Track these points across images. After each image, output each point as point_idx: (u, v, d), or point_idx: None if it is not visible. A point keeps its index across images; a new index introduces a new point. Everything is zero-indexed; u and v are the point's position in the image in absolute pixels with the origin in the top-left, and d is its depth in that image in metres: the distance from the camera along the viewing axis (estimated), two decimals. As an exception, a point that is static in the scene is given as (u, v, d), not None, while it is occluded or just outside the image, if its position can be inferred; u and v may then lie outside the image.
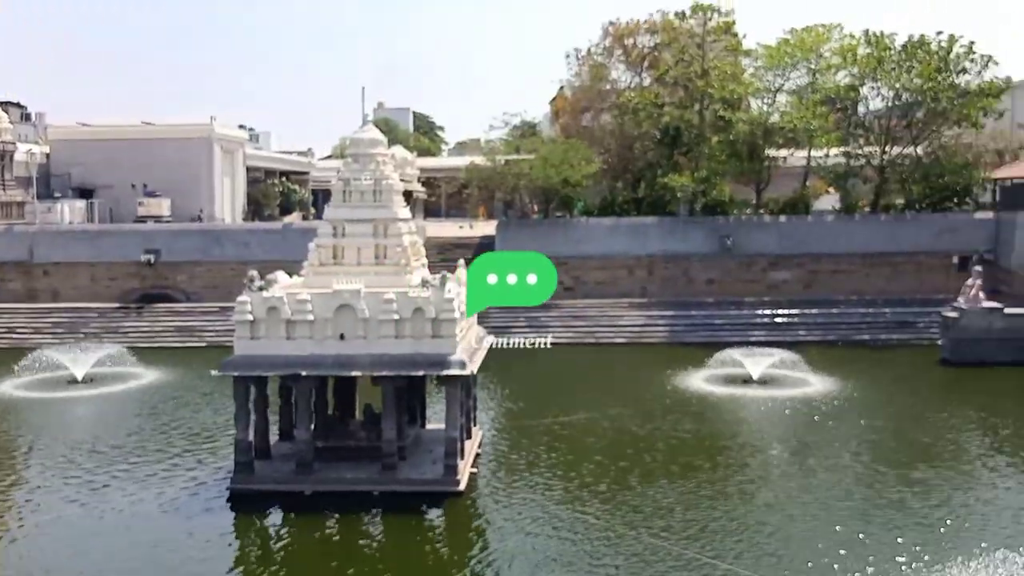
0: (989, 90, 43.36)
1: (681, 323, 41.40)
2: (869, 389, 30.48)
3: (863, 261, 43.45)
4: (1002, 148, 48.40)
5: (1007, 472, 21.92)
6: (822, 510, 19.21)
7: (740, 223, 44.46)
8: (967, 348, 34.24)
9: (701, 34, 45.77)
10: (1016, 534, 17.49)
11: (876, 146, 45.57)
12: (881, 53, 43.96)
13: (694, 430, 25.75)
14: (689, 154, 45.78)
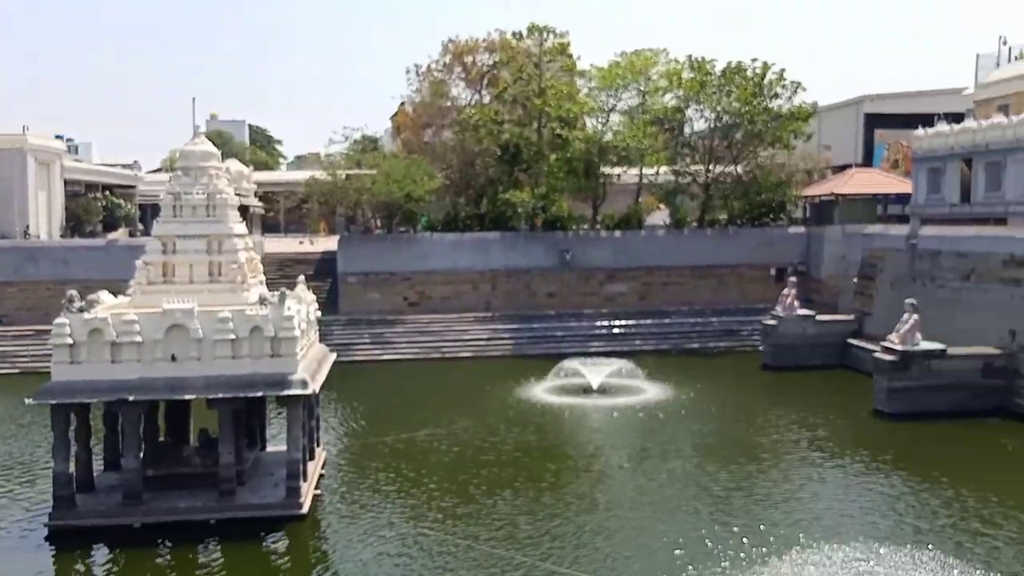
0: (798, 114, 46.96)
1: (524, 336, 42.23)
2: (700, 394, 32.22)
3: (692, 273, 45.90)
4: (811, 168, 52.54)
5: (825, 467, 23.74)
6: (658, 511, 20.15)
7: (578, 238, 45.93)
8: (785, 353, 36.89)
9: (538, 54, 47.08)
10: (835, 525, 19.01)
11: (701, 165, 48.31)
12: (703, 77, 46.73)
13: (537, 440, 26.32)
14: (529, 171, 46.86)
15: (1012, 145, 35.04)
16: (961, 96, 44.34)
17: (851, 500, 20.96)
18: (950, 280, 33.56)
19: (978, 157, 36.89)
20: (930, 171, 40.13)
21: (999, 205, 35.65)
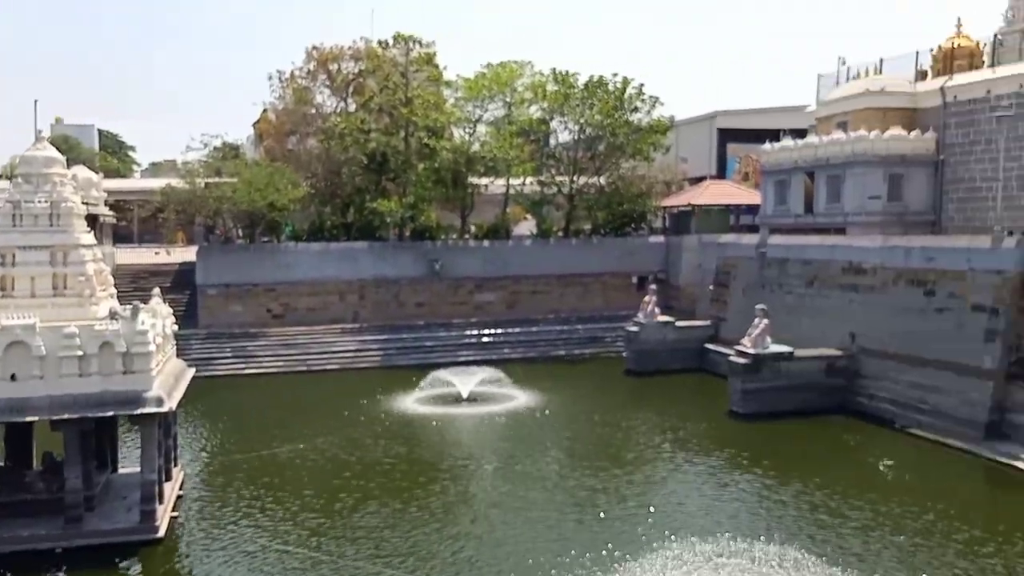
0: (657, 128, 48.81)
1: (393, 346, 41.85)
2: (566, 399, 32.87)
3: (558, 282, 46.83)
4: (669, 180, 54.64)
5: (686, 467, 24.69)
6: (525, 516, 20.39)
7: (447, 247, 45.98)
8: (647, 358, 38.17)
9: (404, 63, 46.88)
10: (697, 522, 19.80)
11: (566, 176, 49.38)
12: (567, 90, 47.85)
13: (406, 452, 26.11)
14: (397, 180, 46.53)
15: (850, 160, 37.65)
16: (804, 113, 47.18)
17: (711, 497, 21.90)
18: (796, 286, 35.67)
19: (820, 171, 39.43)
20: (777, 183, 42.55)
21: (839, 216, 38.20)
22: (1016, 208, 33.23)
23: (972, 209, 35.98)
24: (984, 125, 35.23)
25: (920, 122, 38.52)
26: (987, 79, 36.14)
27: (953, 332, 27.36)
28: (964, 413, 25.92)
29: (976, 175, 35.92)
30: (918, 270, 29.46)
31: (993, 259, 26.59)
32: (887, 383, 29.29)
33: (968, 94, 36.50)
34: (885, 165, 37.21)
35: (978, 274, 26.99)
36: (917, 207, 37.68)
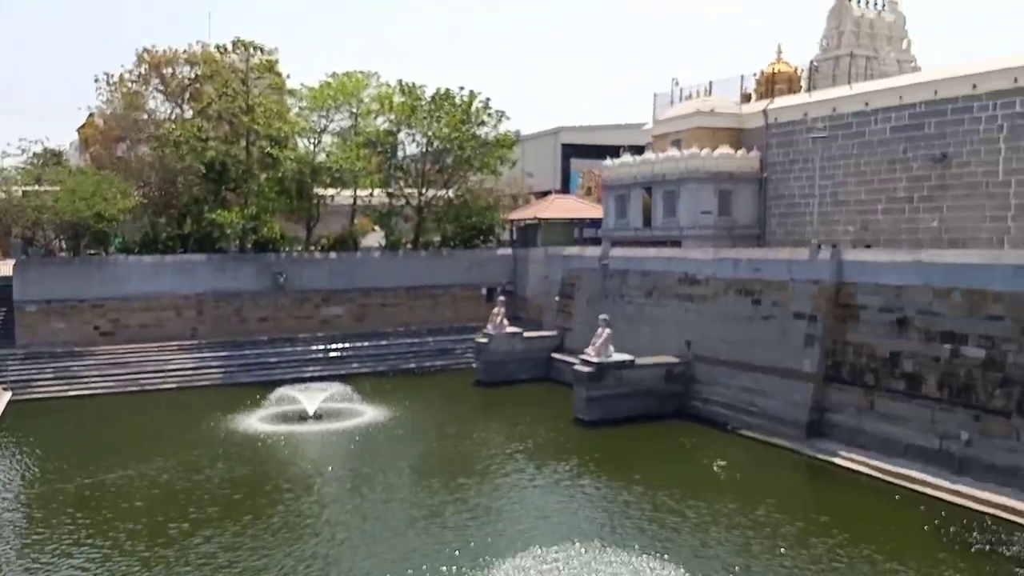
0: (503, 142, 49.52)
1: (235, 363, 40.22)
2: (417, 413, 32.68)
3: (408, 294, 46.56)
4: (516, 193, 55.58)
5: (535, 475, 25.05)
6: (374, 533, 20.06)
7: (292, 260, 44.75)
8: (496, 369, 38.57)
9: (244, 70, 45.30)
10: (548, 528, 20.13)
11: (414, 188, 49.22)
12: (414, 102, 47.75)
13: (248, 473, 25.10)
14: (238, 190, 44.81)
15: (684, 176, 39.63)
16: (642, 130, 49.32)
17: (559, 503, 22.34)
18: (636, 297, 37.10)
19: (657, 186, 41.27)
20: (617, 198, 44.19)
21: (675, 229, 40.10)
22: (830, 222, 36.02)
23: (792, 223, 38.70)
24: (802, 145, 38.03)
25: (746, 141, 41.11)
26: (804, 103, 39.06)
27: (777, 338, 29.25)
28: (788, 414, 27.74)
29: (795, 192, 38.68)
30: (746, 280, 31.33)
31: (811, 270, 28.66)
32: (720, 388, 30.92)
33: (788, 116, 39.30)
34: (715, 182, 39.43)
35: (798, 284, 29.00)
36: (744, 221, 40.14)
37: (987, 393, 22.43)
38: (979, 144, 31.12)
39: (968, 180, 31.50)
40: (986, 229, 30.90)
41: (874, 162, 35.01)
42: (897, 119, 34.12)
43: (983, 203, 31.02)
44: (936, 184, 32.63)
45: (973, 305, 23.36)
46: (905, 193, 33.85)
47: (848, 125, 36.08)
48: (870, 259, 27.49)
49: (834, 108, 36.87)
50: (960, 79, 31.98)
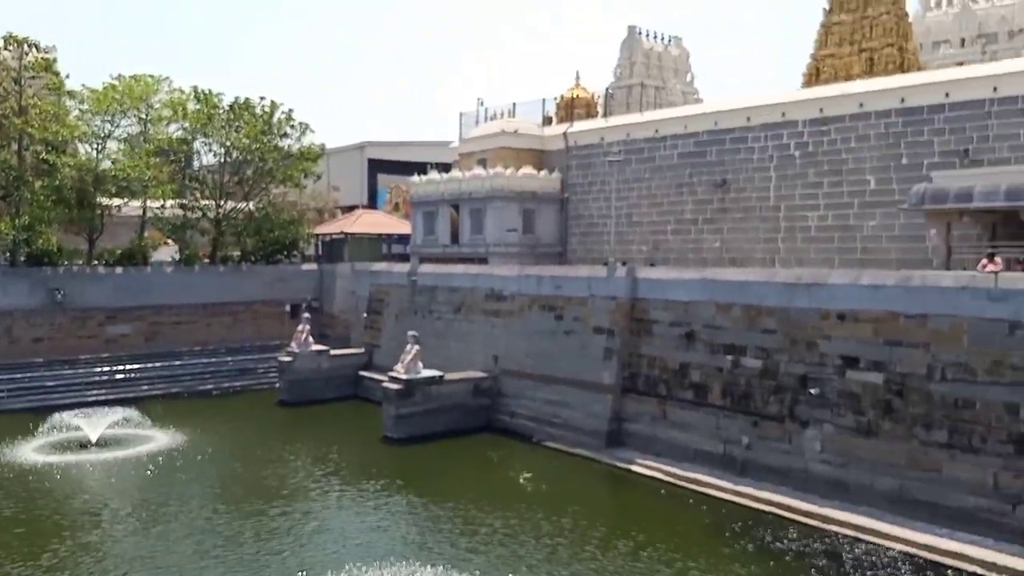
0: (308, 154, 48.44)
1: (4, 388, 36.47)
2: (215, 436, 31.10)
3: (205, 311, 44.25)
4: (322, 207, 54.48)
5: (342, 496, 24.56)
6: (167, 567, 18.88)
7: (72, 275, 41.25)
8: (301, 388, 37.52)
9: (17, 68, 41.41)
10: (352, 550, 19.75)
11: (212, 200, 47.03)
12: (210, 111, 45.70)
13: (22, 510, 22.81)
14: (8, 198, 40.79)
15: (490, 194, 40.57)
16: (449, 148, 50.03)
17: (368, 523, 22.04)
18: (445, 313, 37.43)
19: (463, 204, 41.95)
20: (425, 214, 44.47)
21: (481, 246, 40.92)
22: (626, 242, 38.16)
23: (591, 242, 40.63)
24: (599, 168, 40.08)
25: (548, 163, 42.77)
26: (601, 127, 41.22)
27: (579, 352, 30.54)
28: (589, 425, 29.01)
29: (594, 212, 40.67)
30: (549, 297, 32.48)
31: (608, 287, 30.18)
32: (526, 401, 31.81)
33: (586, 140, 41.31)
34: (520, 201, 40.67)
35: (597, 300, 30.45)
36: (547, 239, 41.67)
37: (763, 400, 24.59)
38: (753, 172, 34.20)
39: (744, 204, 34.50)
40: (760, 249, 33.94)
41: (664, 186, 37.51)
42: (683, 146, 36.80)
43: (758, 225, 34.06)
44: (718, 207, 35.45)
45: (751, 319, 25.55)
46: (691, 215, 36.52)
47: (641, 150, 38.46)
48: (661, 277, 29.33)
49: (628, 134, 39.18)
50: (737, 111, 35.03)
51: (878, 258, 30.05)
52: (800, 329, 24.01)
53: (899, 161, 30.01)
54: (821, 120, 32.27)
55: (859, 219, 31.11)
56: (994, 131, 27.83)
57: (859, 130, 31.20)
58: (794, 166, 32.96)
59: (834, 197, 31.79)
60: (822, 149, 32.19)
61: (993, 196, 23.93)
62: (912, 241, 28.98)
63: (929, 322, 21.18)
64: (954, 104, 28.82)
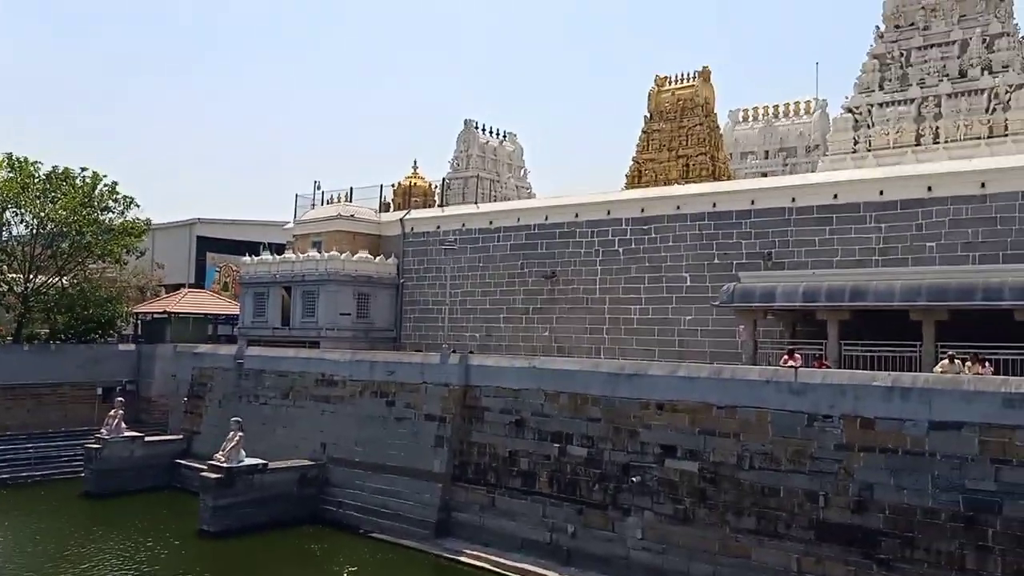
0: (131, 229, 46.21)
1: None
2: (8, 532, 28.30)
3: (5, 394, 40.53)
4: (143, 284, 51.84)
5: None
6: None
7: None
8: (109, 478, 34.87)
9: None
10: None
11: (20, 273, 43.79)
12: (25, 179, 43.05)
13: None
14: None
15: (323, 277, 40.12)
16: (283, 229, 49.22)
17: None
18: (272, 398, 36.23)
19: (296, 285, 41.23)
20: (256, 295, 43.27)
21: (313, 329, 40.17)
22: (459, 329, 38.64)
23: (426, 328, 40.86)
24: (435, 255, 40.69)
25: (384, 248, 42.99)
26: (437, 216, 42.05)
27: (410, 440, 30.32)
28: (419, 514, 28.63)
29: (429, 298, 41.06)
30: (381, 383, 32.22)
31: (441, 373, 30.37)
32: (354, 491, 31.03)
33: (423, 227, 41.96)
34: (355, 284, 40.49)
35: (430, 387, 30.52)
36: (381, 324, 41.54)
37: (588, 488, 25.25)
38: (581, 265, 35.82)
39: (572, 296, 35.95)
40: (587, 339, 35.32)
41: (497, 275, 38.53)
42: (516, 238, 38.11)
43: (584, 316, 35.51)
44: (547, 298, 36.73)
45: (577, 408, 26.39)
46: (523, 304, 37.60)
47: (476, 240, 39.46)
48: (493, 364, 29.86)
49: (463, 223, 40.16)
50: (566, 207, 36.82)
51: (694, 351, 31.98)
52: (623, 418, 25.04)
53: (712, 261, 32.38)
54: (643, 219, 34.41)
55: (677, 313, 33.10)
56: (793, 237, 30.67)
57: (676, 230, 33.48)
58: (618, 261, 34.81)
59: (654, 292, 33.74)
60: (643, 246, 34.25)
61: (792, 296, 26.22)
62: (724, 336, 31.10)
63: (738, 413, 22.70)
64: (759, 211, 31.59)
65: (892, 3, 33.70)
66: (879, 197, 28.85)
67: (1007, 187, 26.51)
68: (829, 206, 29.91)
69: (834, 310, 25.26)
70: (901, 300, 24.04)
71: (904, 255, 27.96)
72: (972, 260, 26.40)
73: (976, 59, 31.28)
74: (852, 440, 20.60)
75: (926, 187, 27.99)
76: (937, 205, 27.69)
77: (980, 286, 23.05)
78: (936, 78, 31.82)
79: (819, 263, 29.10)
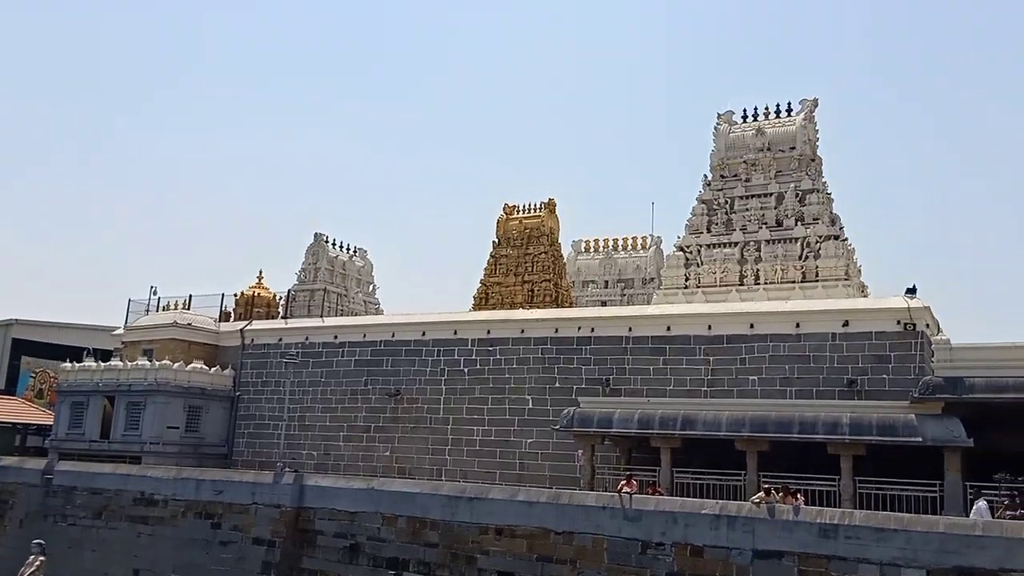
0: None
1: None
2: None
3: None
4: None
5: None
6: None
7: None
8: None
9: None
10: None
11: None
12: None
13: None
14: None
15: (152, 387, 37.90)
16: (112, 335, 46.44)
17: None
18: (83, 517, 33.29)
19: (121, 396, 38.68)
20: (74, 404, 40.20)
21: (136, 444, 37.58)
22: (296, 446, 37.33)
23: (261, 444, 39.14)
24: (275, 368, 39.49)
25: (222, 359, 41.34)
26: (280, 328, 41.10)
27: (234, 564, 28.52)
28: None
29: (266, 413, 39.52)
30: (207, 503, 30.37)
31: (274, 494, 29.03)
32: (168, 622, 28.62)
33: (264, 339, 40.80)
34: (186, 396, 38.49)
35: (260, 508, 29.05)
36: (213, 440, 39.45)
37: (423, 617, 24.47)
38: (425, 384, 35.77)
39: (416, 415, 35.68)
40: (429, 460, 34.92)
41: (339, 391, 37.76)
42: (361, 354, 37.71)
43: (427, 436, 35.22)
44: (390, 416, 36.26)
45: (415, 532, 25.81)
46: (364, 423, 36.88)
47: (319, 354, 38.72)
48: (329, 485, 28.89)
49: (307, 337, 39.42)
50: (414, 325, 36.98)
51: (535, 474, 32.25)
52: (461, 543, 24.72)
53: (553, 384, 33.20)
54: (488, 341, 35.02)
55: (518, 436, 33.43)
56: (630, 365, 32.05)
57: (521, 353, 34.25)
58: (463, 381, 35.02)
59: (497, 414, 34.05)
60: (488, 368, 34.71)
61: (628, 423, 27.17)
62: (564, 460, 31.62)
63: (575, 539, 22.95)
64: (599, 338, 32.92)
65: (718, 155, 37.04)
66: (708, 331, 30.83)
67: (818, 328, 29.06)
68: (663, 337, 31.62)
69: (666, 437, 26.34)
70: (727, 430, 25.43)
71: (730, 387, 29.78)
72: (789, 395, 28.45)
73: (791, 211, 34.65)
74: (683, 568, 21.21)
75: (749, 324, 30.23)
76: (759, 341, 29.89)
77: (797, 419, 24.81)
78: (756, 225, 34.89)
79: (653, 391, 30.47)
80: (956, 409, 23.05)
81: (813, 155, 36.06)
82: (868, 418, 23.95)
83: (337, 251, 49.21)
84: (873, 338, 28.19)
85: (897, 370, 27.53)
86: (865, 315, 28.70)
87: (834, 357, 28.62)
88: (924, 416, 23.30)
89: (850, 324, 28.58)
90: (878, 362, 27.96)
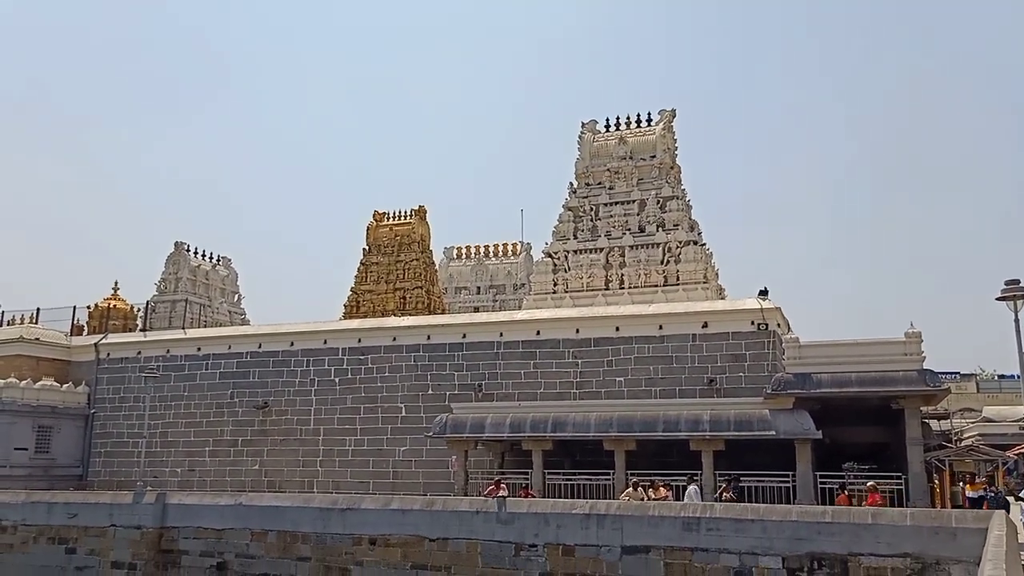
0: None
1: None
2: None
3: None
4: None
5: None
6: None
7: None
8: None
9: None
10: None
11: None
12: None
13: None
14: None
15: (-4, 408, 35.43)
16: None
17: None
18: (-84, 551, 30.61)
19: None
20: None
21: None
22: (158, 464, 35.73)
23: (119, 463, 37.23)
24: (134, 383, 37.65)
25: (74, 375, 39.09)
26: (139, 341, 39.24)
27: (92, 592, 26.97)
28: None
29: (124, 430, 37.64)
30: (60, 527, 28.58)
31: (134, 515, 27.61)
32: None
33: (121, 353, 38.84)
34: (35, 416, 36.20)
35: (120, 530, 27.58)
36: (66, 460, 37.23)
37: (296, 633, 23.93)
38: (295, 395, 35.01)
39: (286, 427, 34.86)
40: (300, 473, 34.18)
41: (204, 405, 36.42)
42: (227, 366, 36.50)
43: (298, 448, 34.47)
44: (259, 429, 35.27)
45: (286, 547, 25.16)
46: (231, 436, 35.71)
47: (181, 367, 37.21)
48: (194, 502, 27.73)
49: (168, 350, 37.82)
50: (282, 335, 36.10)
51: (409, 482, 32.13)
52: (334, 555, 24.31)
53: (426, 392, 33.20)
54: (360, 349, 34.63)
55: (392, 444, 33.23)
56: (502, 369, 32.46)
57: (393, 361, 34.06)
58: (334, 391, 34.49)
59: (370, 422, 33.72)
60: (360, 377, 34.32)
61: (500, 427, 27.51)
62: (438, 466, 31.64)
63: (450, 545, 22.99)
64: (471, 344, 33.18)
65: (583, 163, 38.05)
66: (575, 335, 31.64)
67: (679, 330, 30.37)
68: (533, 341, 32.21)
69: (538, 440, 26.84)
70: (596, 431, 26.18)
71: (598, 388, 30.66)
72: (654, 394, 29.58)
73: (652, 217, 36.00)
74: (555, 568, 21.63)
75: (614, 327, 31.22)
76: (624, 344, 30.93)
77: (661, 418, 25.83)
78: (620, 231, 36.06)
79: (525, 395, 30.98)
80: (806, 403, 24.61)
81: (672, 163, 37.58)
82: (726, 414, 25.22)
83: (200, 260, 47.42)
84: (730, 338, 29.71)
85: (752, 368, 29.11)
86: (722, 316, 30.21)
87: (695, 357, 29.97)
88: (777, 411, 24.75)
89: (709, 325, 30.01)
90: (735, 361, 29.48)
